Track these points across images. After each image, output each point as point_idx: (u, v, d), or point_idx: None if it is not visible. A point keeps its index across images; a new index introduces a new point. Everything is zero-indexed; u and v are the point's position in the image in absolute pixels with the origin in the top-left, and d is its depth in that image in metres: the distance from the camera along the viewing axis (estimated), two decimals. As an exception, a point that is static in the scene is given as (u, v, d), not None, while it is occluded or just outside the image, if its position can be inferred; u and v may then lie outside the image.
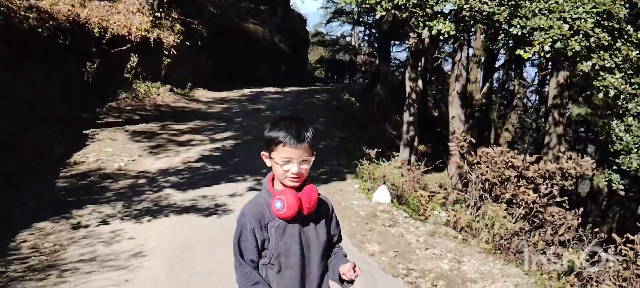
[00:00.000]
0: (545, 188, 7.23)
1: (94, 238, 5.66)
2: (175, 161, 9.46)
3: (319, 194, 2.23)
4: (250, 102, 16.69)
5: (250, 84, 19.53)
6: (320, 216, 2.26)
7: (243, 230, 2.15)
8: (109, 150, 9.52)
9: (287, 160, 2.10)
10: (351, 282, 2.22)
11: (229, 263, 5.04)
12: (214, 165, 9.40)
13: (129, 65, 13.72)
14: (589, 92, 13.98)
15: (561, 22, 6.84)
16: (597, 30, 6.80)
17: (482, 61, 19.44)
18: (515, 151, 8.11)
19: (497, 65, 23.14)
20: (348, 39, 40.23)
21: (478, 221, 7.09)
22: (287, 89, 19.88)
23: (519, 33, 7.22)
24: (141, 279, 4.63)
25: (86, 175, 8.21)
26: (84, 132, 10.18)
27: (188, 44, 15.07)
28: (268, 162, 2.20)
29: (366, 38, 38.86)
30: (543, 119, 19.65)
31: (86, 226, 6.07)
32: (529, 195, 7.08)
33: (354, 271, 2.19)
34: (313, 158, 2.18)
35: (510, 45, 7.65)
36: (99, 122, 11.18)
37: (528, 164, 7.40)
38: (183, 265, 5.03)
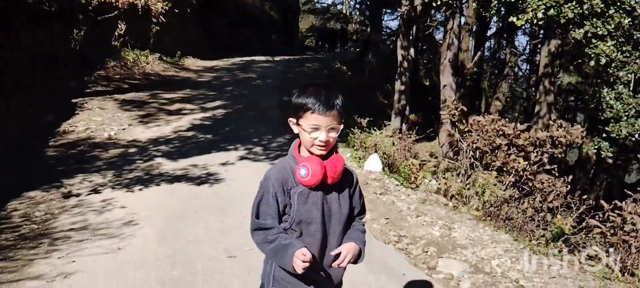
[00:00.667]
0: (535, 156, 7.28)
1: (85, 207, 5.64)
2: (166, 130, 9.40)
3: (345, 164, 2.18)
4: (241, 71, 16.56)
5: (240, 53, 19.34)
6: (344, 186, 2.21)
7: (265, 194, 2.12)
8: (98, 119, 9.44)
9: (315, 127, 2.04)
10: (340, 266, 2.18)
11: (221, 231, 5.09)
12: (205, 134, 9.36)
13: (116, 33, 13.52)
14: (580, 61, 13.98)
15: (554, -12, 6.79)
16: (590, -3, 6.77)
17: (473, 30, 19.34)
18: (506, 119, 8.13)
19: (488, 34, 23.05)
20: (339, 7, 39.86)
21: (468, 189, 7.14)
22: (277, 58, 19.72)
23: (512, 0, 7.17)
24: (133, 247, 4.63)
25: (75, 144, 8.15)
26: (72, 100, 10.07)
27: (177, 11, 14.83)
28: (295, 129, 2.15)
29: (357, 6, 38.45)
30: (533, 88, 19.71)
31: (77, 195, 6.04)
32: (519, 163, 7.13)
33: (345, 261, 2.14)
34: (342, 127, 2.11)
35: (503, 12, 7.60)
36: (88, 90, 11.05)
37: (519, 132, 7.43)
38: (175, 234, 5.03)
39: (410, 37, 14.77)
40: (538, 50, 20.37)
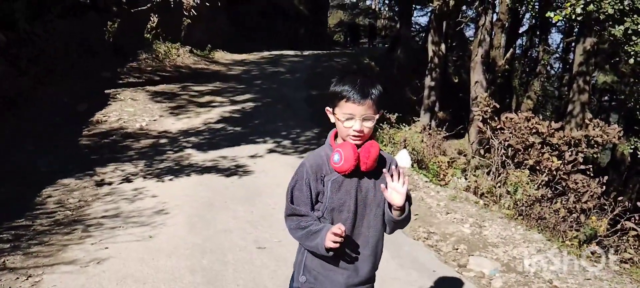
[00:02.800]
0: (570, 156, 7.11)
1: (118, 196, 5.73)
2: (196, 122, 9.49)
3: (381, 151, 2.09)
4: (270, 65, 16.61)
5: (269, 47, 19.40)
6: (379, 174, 2.10)
7: (299, 180, 2.09)
8: (131, 110, 9.58)
9: (350, 116, 1.99)
10: (401, 208, 2.04)
11: (250, 222, 5.11)
12: (234, 127, 9.42)
13: (149, 26, 13.69)
14: (616, 59, 13.58)
15: (594, -17, 6.59)
16: (631, -8, 6.55)
17: (506, 26, 18.96)
18: (540, 118, 7.95)
19: (520, 31, 22.60)
20: (368, 2, 39.58)
21: (500, 187, 7.02)
22: (306, 52, 19.71)
23: (549, -5, 7.01)
24: (164, 235, 4.68)
25: (108, 133, 8.29)
26: (105, 91, 10.23)
27: (208, 4, 14.92)
28: (332, 118, 2.10)
29: (386, 1, 38.18)
30: (566, 87, 19.24)
31: (109, 183, 6.15)
32: (553, 162, 6.97)
33: (399, 179, 2.01)
34: (377, 116, 2.03)
35: (540, 6, 7.41)
36: (120, 81, 11.22)
37: (553, 131, 7.27)
38: (205, 223, 5.07)
39: (442, 33, 14.55)
40: (572, 48, 19.88)
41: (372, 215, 2.12)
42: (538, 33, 21.94)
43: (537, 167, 7.08)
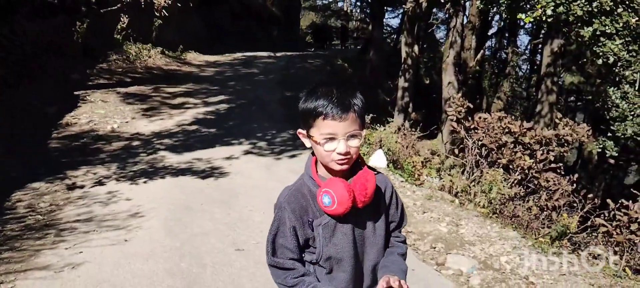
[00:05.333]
0: (541, 154, 7.25)
1: (90, 199, 5.60)
2: (169, 124, 9.36)
3: (376, 178, 1.74)
4: (243, 66, 16.51)
5: (242, 48, 19.29)
6: (379, 206, 1.79)
7: (281, 227, 1.73)
8: (101, 111, 9.39)
9: (330, 136, 1.62)
10: None
11: (227, 224, 5.06)
12: (209, 128, 9.32)
13: (119, 26, 13.46)
14: (583, 60, 13.96)
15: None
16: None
17: (476, 28, 19.29)
18: (512, 117, 8.10)
19: (490, 33, 23.01)
20: (340, 4, 39.75)
21: (474, 186, 7.12)
22: (279, 54, 19.67)
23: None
24: (140, 239, 4.59)
25: (79, 136, 8.11)
26: (75, 93, 10.01)
27: (179, 5, 14.78)
28: (307, 142, 1.72)
29: (358, 3, 38.41)
30: (534, 88, 19.69)
31: (81, 187, 6.00)
32: (525, 160, 7.10)
33: None
34: (364, 133, 1.69)
35: (511, 8, 7.57)
36: (90, 83, 10.99)
37: (525, 130, 7.41)
38: (182, 226, 4.99)
39: (414, 34, 14.72)
40: (539, 50, 20.36)
41: (373, 252, 1.81)
42: (507, 35, 22.40)
43: (510, 166, 7.20)
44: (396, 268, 1.79)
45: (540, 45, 19.06)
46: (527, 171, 7.22)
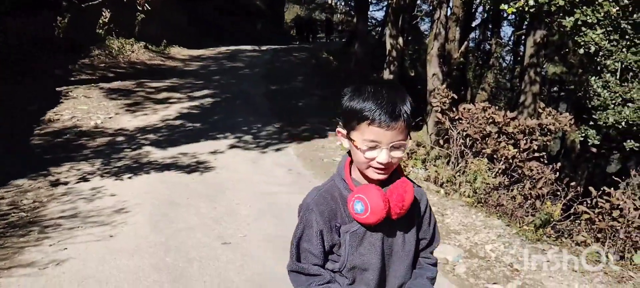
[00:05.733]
0: (525, 144, 7.33)
1: (74, 195, 5.55)
2: (154, 119, 9.29)
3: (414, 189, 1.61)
4: (228, 60, 16.42)
5: (226, 42, 19.20)
6: (412, 219, 1.66)
7: (306, 230, 1.61)
8: (84, 107, 9.29)
9: (374, 144, 1.48)
10: None
11: (214, 218, 5.05)
12: (194, 123, 9.27)
13: (101, 21, 13.31)
14: (566, 51, 14.09)
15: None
16: (580, -15, 6.80)
17: (460, 20, 19.38)
18: (496, 108, 8.16)
19: (473, 25, 23.13)
20: (325, -3, 39.65)
21: (459, 176, 7.17)
22: (264, 47, 19.59)
23: (503, -13, 7.16)
24: (125, 234, 4.56)
25: (61, 132, 8.02)
26: (57, 89, 9.89)
27: (162, -1, 14.63)
28: (345, 143, 1.58)
29: (343, -4, 38.36)
30: (518, 79, 19.86)
31: (65, 183, 5.94)
32: (509, 150, 7.17)
33: None
34: (409, 143, 1.54)
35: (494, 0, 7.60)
36: (72, 79, 10.87)
37: (508, 120, 7.47)
38: (167, 221, 4.97)
39: (399, 26, 14.74)
40: (522, 41, 20.52)
41: (399, 266, 1.67)
42: (490, 26, 22.53)
43: (495, 156, 7.26)
44: None
45: (523, 37, 19.21)
46: (511, 160, 7.28)
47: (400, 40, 13.70)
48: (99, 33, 13.30)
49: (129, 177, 6.30)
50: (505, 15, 15.74)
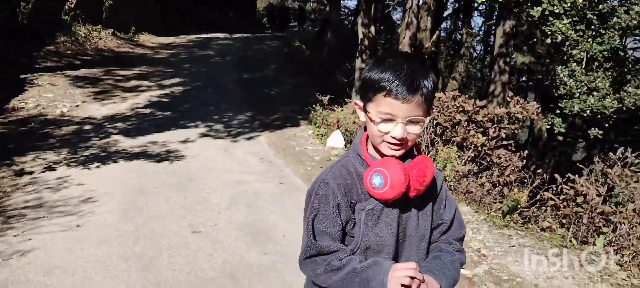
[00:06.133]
0: (493, 132, 7.46)
1: (40, 185, 5.42)
2: (122, 107, 9.13)
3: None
4: (199, 48, 16.22)
5: (197, 30, 18.94)
6: (426, 199, 1.55)
7: (322, 207, 1.48)
8: (50, 95, 9.06)
9: (389, 117, 1.40)
10: None
11: (184, 207, 5.00)
12: (164, 112, 9.14)
13: (67, 7, 12.95)
14: (534, 40, 14.35)
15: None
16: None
17: (431, 9, 19.53)
18: (466, 97, 8.28)
19: (445, 15, 23.35)
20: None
21: (430, 163, 7.25)
22: (236, 36, 19.41)
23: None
24: (93, 224, 4.48)
25: (26, 121, 7.82)
26: (21, 76, 9.61)
27: (131, -15, 14.33)
28: (362, 116, 1.50)
29: (315, -16, 38.18)
30: (488, 68, 20.16)
31: (30, 172, 5.80)
32: (478, 138, 7.28)
33: None
34: (428, 120, 1.47)
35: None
36: (37, 66, 10.58)
37: (478, 108, 7.59)
38: (136, 210, 4.90)
39: (371, 15, 14.76)
40: (492, 31, 20.82)
41: (413, 249, 1.56)
42: (461, 16, 22.77)
43: (464, 144, 7.37)
44: (438, 269, 1.51)
45: (493, 27, 19.49)
46: (480, 148, 7.41)
47: (373, 29, 13.71)
48: (65, 19, 12.96)
49: (97, 166, 6.18)
50: (475, 5, 15.93)
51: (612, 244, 4.92)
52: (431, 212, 1.58)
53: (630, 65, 8.93)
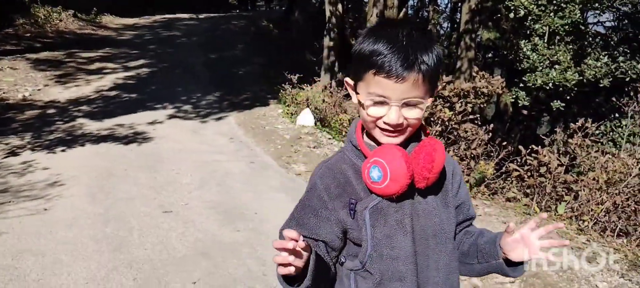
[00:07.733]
0: (460, 107, 7.60)
1: (3, 170, 5.31)
2: (87, 90, 8.94)
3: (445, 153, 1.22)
4: (164, 29, 15.93)
5: (161, 10, 18.59)
6: (446, 192, 1.29)
7: (308, 203, 1.25)
8: (10, 79, 8.80)
9: (380, 99, 1.14)
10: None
11: (153, 188, 4.98)
12: (130, 94, 8.99)
13: (24, -12, 12.52)
14: (498, 16, 14.57)
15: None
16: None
17: (398, -13, 19.58)
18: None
19: (412, -8, 23.46)
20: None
21: (398, 139, 7.36)
22: (202, 16, 19.11)
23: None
24: (61, 207, 4.42)
25: (-14, 106, 7.59)
26: (-21, 60, 9.30)
27: (91, -36, 13.93)
28: (353, 97, 1.23)
29: (282, -37, 37.75)
30: (455, 45, 20.40)
31: (-7, 158, 5.66)
32: (445, 113, 7.42)
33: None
34: (430, 102, 1.18)
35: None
36: (-5, 50, 10.24)
37: (444, 84, 7.71)
38: (105, 193, 4.85)
39: (337, -7, 14.72)
40: (458, 9, 21.03)
41: (442, 251, 1.26)
42: (428, -7, 22.89)
43: (432, 119, 7.50)
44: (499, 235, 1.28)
45: (459, 3, 19.68)
46: (447, 123, 7.55)
47: (340, 7, 13.69)
48: (23, 1, 12.53)
49: (63, 150, 6.08)
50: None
51: (574, 211, 5.13)
52: (453, 204, 1.30)
53: (591, 39, 9.20)
